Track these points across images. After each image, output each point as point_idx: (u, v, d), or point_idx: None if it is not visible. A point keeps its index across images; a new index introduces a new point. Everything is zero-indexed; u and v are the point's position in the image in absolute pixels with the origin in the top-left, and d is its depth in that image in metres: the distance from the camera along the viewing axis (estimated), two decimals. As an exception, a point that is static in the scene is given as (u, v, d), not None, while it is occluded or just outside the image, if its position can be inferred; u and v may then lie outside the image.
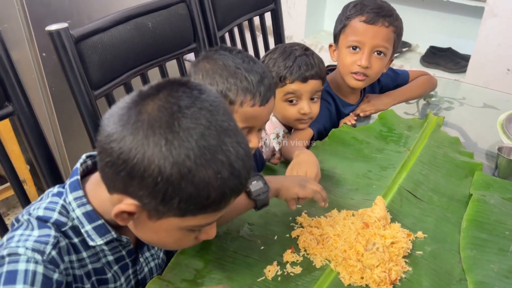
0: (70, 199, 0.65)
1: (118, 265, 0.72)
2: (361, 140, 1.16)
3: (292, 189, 0.84)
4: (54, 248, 0.61)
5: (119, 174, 0.56)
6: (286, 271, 0.79)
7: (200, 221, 0.60)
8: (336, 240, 0.82)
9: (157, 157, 0.53)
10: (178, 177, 0.53)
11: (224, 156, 0.55)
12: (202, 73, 0.89)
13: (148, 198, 0.56)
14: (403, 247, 0.81)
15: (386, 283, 0.75)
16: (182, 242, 0.66)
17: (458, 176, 1.05)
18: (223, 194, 0.57)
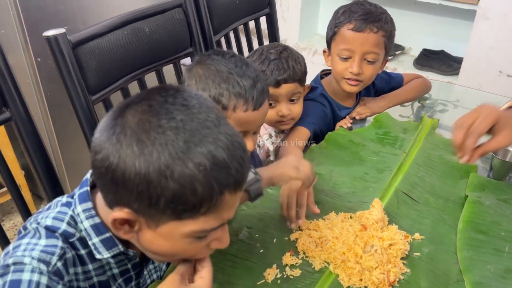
0: (79, 211, 0.64)
1: (123, 278, 0.71)
2: (357, 143, 1.17)
3: (286, 173, 0.84)
4: (60, 259, 0.60)
5: (106, 184, 0.56)
6: (286, 274, 0.79)
7: (203, 225, 0.58)
8: (334, 242, 0.83)
9: (131, 158, 0.53)
10: (157, 175, 0.52)
11: (203, 148, 0.53)
12: (195, 78, 0.89)
13: (136, 202, 0.55)
14: (401, 249, 0.82)
15: (385, 285, 0.76)
16: (192, 251, 0.63)
17: (454, 178, 1.07)
18: (210, 188, 0.54)
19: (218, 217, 0.59)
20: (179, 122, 0.54)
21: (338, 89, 1.31)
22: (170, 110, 0.55)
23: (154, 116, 0.54)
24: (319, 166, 1.09)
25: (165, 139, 0.53)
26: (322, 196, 0.99)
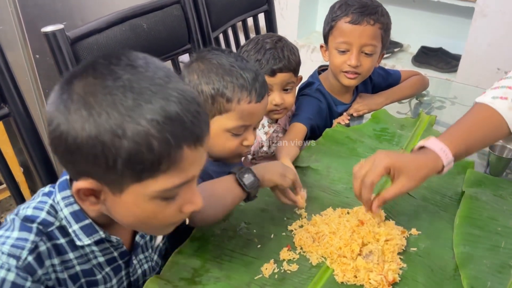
0: (58, 199, 0.65)
1: (110, 267, 0.71)
2: (355, 139, 1.18)
3: (272, 179, 0.85)
4: (31, 253, 0.60)
5: (63, 155, 0.56)
6: (283, 268, 0.80)
7: (165, 184, 0.57)
8: (331, 237, 0.83)
9: (80, 122, 0.53)
10: (109, 136, 0.52)
11: (154, 104, 0.53)
12: (197, 73, 0.90)
13: (94, 168, 0.55)
14: (398, 244, 0.82)
15: (384, 285, 0.76)
16: (164, 216, 0.62)
17: (450, 174, 1.06)
18: (167, 143, 0.53)
19: (180, 174, 0.58)
20: (126, 81, 0.54)
21: (336, 84, 1.32)
22: (115, 71, 0.54)
23: (99, 78, 0.54)
24: (317, 163, 1.09)
25: (113, 99, 0.52)
26: (319, 192, 0.99)
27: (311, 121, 1.24)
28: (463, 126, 0.91)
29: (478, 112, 0.91)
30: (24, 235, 0.61)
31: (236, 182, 0.81)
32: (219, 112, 0.90)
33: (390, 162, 0.82)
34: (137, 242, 0.73)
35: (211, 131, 0.87)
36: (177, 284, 0.75)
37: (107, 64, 0.55)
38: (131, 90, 0.53)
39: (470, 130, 0.90)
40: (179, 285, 0.75)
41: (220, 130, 0.91)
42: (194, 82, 0.89)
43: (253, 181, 0.82)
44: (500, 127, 0.89)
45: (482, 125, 0.90)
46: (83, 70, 0.56)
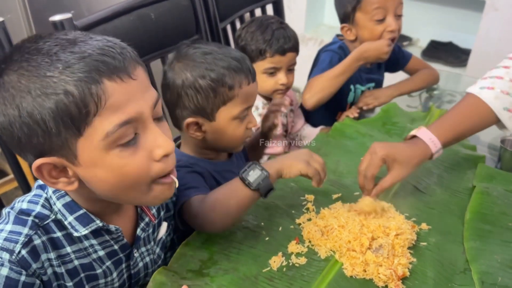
0: (50, 193, 0.64)
1: (111, 260, 0.70)
2: (364, 133, 1.16)
3: (296, 166, 0.81)
4: (25, 247, 0.59)
5: (12, 145, 0.57)
6: (291, 261, 0.79)
7: (103, 127, 0.54)
8: (340, 231, 0.82)
9: (4, 103, 0.53)
10: (30, 99, 0.52)
11: (66, 54, 0.52)
12: (188, 70, 0.85)
13: (34, 140, 0.54)
14: (408, 238, 0.81)
15: (394, 280, 0.75)
16: (133, 169, 0.57)
17: (461, 169, 1.06)
18: (81, 81, 0.51)
19: (116, 112, 0.54)
20: (45, 46, 0.53)
21: None
22: (38, 45, 0.54)
23: (9, 62, 0.54)
24: (326, 157, 1.08)
25: (29, 65, 0.52)
26: (328, 186, 0.98)
27: None
28: (453, 116, 0.96)
29: (467, 102, 0.97)
30: (18, 229, 0.60)
31: (241, 183, 0.78)
32: (223, 102, 0.86)
33: (385, 153, 0.89)
34: (138, 236, 0.72)
35: (219, 125, 0.87)
36: (184, 276, 0.75)
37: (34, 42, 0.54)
38: (46, 53, 0.52)
39: (459, 119, 0.96)
40: (186, 277, 0.74)
41: (228, 120, 0.88)
42: (188, 80, 0.84)
43: (259, 176, 0.77)
44: (487, 115, 0.95)
45: (470, 115, 0.96)
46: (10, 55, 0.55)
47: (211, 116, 0.87)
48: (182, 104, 0.86)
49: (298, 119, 1.43)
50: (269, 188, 0.79)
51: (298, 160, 0.82)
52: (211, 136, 0.89)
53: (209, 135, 0.89)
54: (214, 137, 0.90)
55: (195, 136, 0.89)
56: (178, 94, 0.86)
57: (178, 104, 0.87)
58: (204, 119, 0.87)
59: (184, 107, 0.87)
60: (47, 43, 0.54)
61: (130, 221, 0.72)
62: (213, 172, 0.93)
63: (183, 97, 0.86)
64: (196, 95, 0.85)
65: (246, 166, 0.79)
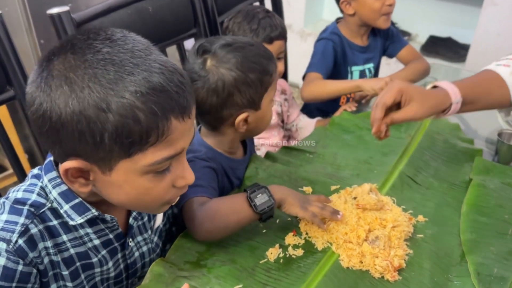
0: (46, 181, 0.64)
1: (106, 250, 0.70)
2: (362, 127, 1.16)
3: (293, 208, 0.80)
4: (22, 236, 0.59)
5: (49, 136, 0.55)
6: (288, 253, 0.79)
7: (153, 157, 0.56)
8: (337, 223, 0.83)
9: (63, 98, 0.52)
10: (94, 110, 0.52)
11: (136, 76, 0.53)
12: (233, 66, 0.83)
13: (81, 145, 0.54)
14: (405, 231, 0.81)
15: (390, 271, 0.75)
16: (156, 192, 0.61)
17: (459, 162, 1.06)
18: (153, 114, 0.53)
19: (169, 147, 0.57)
20: (106, 55, 0.53)
21: (354, 29, 1.45)
22: (94, 45, 0.54)
23: (78, 53, 0.53)
24: (323, 149, 1.09)
25: (94, 73, 0.52)
26: (325, 179, 0.98)
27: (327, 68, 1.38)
28: (472, 80, 0.97)
29: (484, 74, 0.99)
30: (14, 218, 0.60)
31: (247, 202, 0.77)
32: (265, 90, 0.88)
33: (403, 87, 0.86)
34: (131, 225, 0.72)
35: (263, 111, 0.88)
36: (182, 267, 0.75)
37: (85, 39, 0.55)
38: (112, 63, 0.53)
39: (478, 83, 0.96)
40: (184, 268, 0.75)
41: (267, 104, 0.89)
42: (240, 77, 0.83)
43: (266, 202, 0.77)
44: (502, 88, 0.96)
45: (487, 83, 0.97)
46: (61, 47, 0.55)
47: (258, 106, 0.88)
48: (233, 102, 0.85)
49: (293, 109, 1.44)
50: (270, 215, 0.80)
51: (297, 203, 0.80)
52: (253, 125, 0.90)
53: (252, 125, 0.90)
54: (256, 125, 0.91)
55: (242, 130, 0.90)
56: (230, 93, 0.84)
57: (227, 104, 0.85)
58: (252, 110, 0.88)
59: (234, 105, 0.86)
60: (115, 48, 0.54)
61: (123, 211, 0.72)
62: (227, 168, 0.94)
63: (235, 95, 0.85)
64: (248, 90, 0.85)
65: (255, 187, 0.79)
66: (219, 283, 0.73)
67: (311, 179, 0.98)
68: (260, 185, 0.80)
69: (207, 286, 0.72)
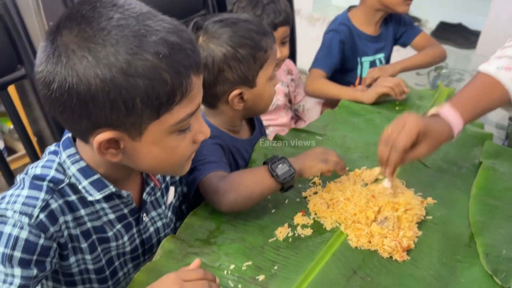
0: (64, 157, 0.64)
1: (121, 224, 0.71)
2: (372, 110, 1.16)
3: (315, 166, 0.84)
4: (43, 211, 0.60)
5: (75, 111, 0.55)
6: (297, 232, 0.80)
7: (178, 115, 0.59)
8: (346, 204, 0.83)
9: (89, 69, 0.52)
10: (122, 76, 0.52)
11: (154, 37, 0.53)
12: (223, 41, 0.83)
13: (114, 114, 0.54)
14: (417, 214, 0.81)
15: (399, 251, 0.76)
16: (181, 150, 0.63)
17: (468, 146, 1.06)
18: (177, 73, 0.55)
19: (191, 103, 0.60)
20: (120, 21, 0.53)
21: (365, 17, 1.43)
22: (104, 12, 0.54)
23: (91, 22, 0.53)
24: (332, 132, 1.08)
25: (115, 40, 0.52)
26: (334, 161, 0.98)
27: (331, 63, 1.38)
28: (472, 95, 0.92)
29: (484, 82, 0.92)
30: (34, 193, 0.61)
31: (269, 173, 0.79)
32: (260, 66, 0.87)
33: (422, 127, 0.80)
34: (144, 200, 0.73)
35: (259, 89, 0.88)
36: (192, 244, 0.76)
37: (92, 8, 0.54)
38: (127, 28, 0.53)
39: (478, 99, 0.91)
40: (194, 245, 0.76)
41: (264, 82, 0.89)
42: (230, 52, 0.83)
43: (287, 172, 0.79)
44: (503, 96, 0.91)
45: (488, 95, 0.91)
46: (70, 19, 0.54)
47: (253, 83, 0.87)
48: (224, 78, 0.85)
49: (299, 89, 1.43)
50: (291, 185, 0.81)
51: (316, 161, 0.85)
52: (251, 103, 0.90)
53: (249, 102, 0.90)
54: (253, 103, 0.90)
55: (238, 107, 0.89)
56: (220, 69, 0.84)
57: (218, 80, 0.86)
58: (246, 87, 0.88)
59: (226, 81, 0.86)
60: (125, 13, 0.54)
61: (137, 187, 0.74)
62: (232, 148, 0.94)
63: (226, 71, 0.85)
64: (239, 65, 0.85)
65: (275, 159, 0.81)
66: (228, 260, 0.74)
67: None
68: (278, 157, 0.81)
69: (217, 263, 0.73)
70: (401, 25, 1.49)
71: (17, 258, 0.58)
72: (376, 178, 0.91)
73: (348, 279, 0.71)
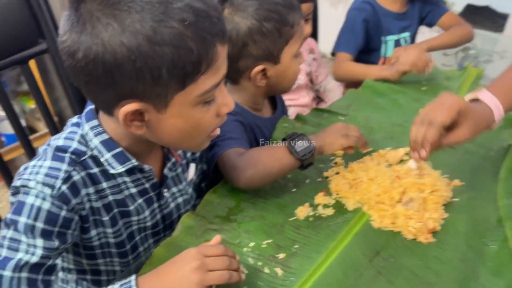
0: (87, 129, 0.64)
1: (143, 198, 0.71)
2: (398, 90, 1.13)
3: (336, 142, 0.82)
4: (65, 182, 0.60)
5: (100, 81, 0.54)
6: (318, 212, 0.78)
7: (204, 85, 0.57)
8: (369, 184, 0.81)
9: (115, 37, 0.51)
10: (148, 44, 0.51)
11: (179, 3, 0.52)
12: (248, 14, 0.81)
13: (139, 84, 0.53)
14: (443, 196, 0.79)
15: (424, 233, 0.73)
16: (205, 123, 0.62)
17: (497, 129, 1.01)
18: (203, 41, 0.53)
19: (216, 73, 0.58)
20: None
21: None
22: None
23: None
24: (356, 112, 1.06)
25: (140, 5, 0.51)
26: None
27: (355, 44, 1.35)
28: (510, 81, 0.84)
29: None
30: (57, 165, 0.60)
31: (288, 149, 0.77)
32: (286, 42, 0.84)
33: (462, 107, 0.74)
34: (166, 175, 0.73)
35: (283, 66, 0.86)
36: (212, 221, 0.75)
37: None
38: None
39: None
40: (214, 222, 0.75)
41: (289, 59, 0.86)
42: (255, 26, 0.81)
43: (306, 148, 0.77)
44: None
45: None
46: None
47: (277, 59, 0.85)
48: (248, 53, 0.83)
49: (321, 69, 1.40)
50: (310, 162, 0.79)
51: (337, 136, 0.82)
52: (274, 80, 0.88)
53: (273, 79, 0.88)
54: (277, 81, 0.88)
55: (261, 84, 0.87)
56: (244, 43, 0.82)
57: (242, 55, 0.84)
58: (270, 63, 0.85)
59: (250, 55, 0.84)
60: None
61: (158, 161, 0.73)
62: (254, 126, 0.92)
63: (250, 45, 0.82)
64: (264, 40, 0.82)
65: (294, 135, 0.78)
66: (248, 237, 0.73)
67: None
68: (297, 133, 0.79)
69: (237, 240, 0.72)
70: (427, 4, 1.44)
71: (39, 229, 0.58)
72: (401, 159, 0.88)
73: (371, 260, 0.70)
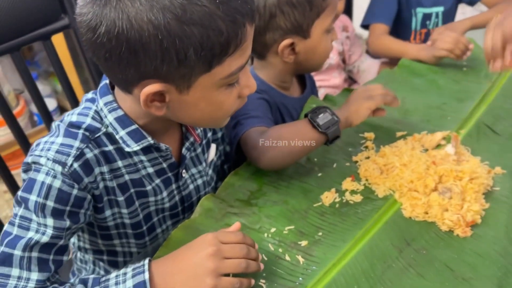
0: (101, 105, 0.61)
1: (160, 179, 0.68)
2: (436, 70, 1.05)
3: (361, 107, 0.76)
4: (77, 160, 0.57)
5: (122, 59, 0.50)
6: (345, 198, 0.74)
7: (230, 68, 0.54)
8: (402, 170, 0.75)
9: (141, 12, 0.47)
10: (177, 23, 0.47)
11: None
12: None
13: (164, 65, 0.50)
14: (484, 184, 0.72)
15: (461, 226, 0.67)
16: (227, 105, 0.60)
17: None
18: (233, 22, 0.50)
19: (243, 55, 0.55)
20: None
21: None
22: None
23: None
24: (389, 93, 0.99)
25: None
26: (390, 124, 0.90)
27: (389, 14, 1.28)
28: None
29: None
30: (69, 141, 0.58)
31: (310, 124, 0.73)
32: (317, 15, 0.79)
33: None
34: (184, 155, 0.70)
35: (313, 41, 0.81)
36: (232, 204, 0.72)
37: None
38: None
39: None
40: (234, 205, 0.72)
41: (320, 34, 0.81)
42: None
43: (329, 121, 0.73)
44: None
45: None
46: None
47: (307, 33, 0.80)
48: (276, 25, 0.79)
49: (355, 48, 1.32)
50: (336, 135, 0.74)
51: (361, 101, 0.77)
52: (303, 57, 0.83)
53: (301, 56, 0.83)
54: (306, 57, 0.83)
55: (288, 60, 0.83)
56: (272, 14, 0.78)
57: (269, 27, 0.79)
58: (299, 37, 0.80)
59: (278, 28, 0.79)
60: None
61: (176, 141, 0.70)
62: (280, 105, 0.88)
63: (278, 17, 0.78)
64: (293, 11, 0.77)
65: (316, 109, 0.74)
66: (269, 222, 0.69)
67: (374, 124, 0.89)
68: (319, 106, 0.74)
69: (258, 225, 0.69)
70: None
71: (50, 207, 0.56)
72: (437, 144, 0.82)
73: (400, 251, 0.65)
